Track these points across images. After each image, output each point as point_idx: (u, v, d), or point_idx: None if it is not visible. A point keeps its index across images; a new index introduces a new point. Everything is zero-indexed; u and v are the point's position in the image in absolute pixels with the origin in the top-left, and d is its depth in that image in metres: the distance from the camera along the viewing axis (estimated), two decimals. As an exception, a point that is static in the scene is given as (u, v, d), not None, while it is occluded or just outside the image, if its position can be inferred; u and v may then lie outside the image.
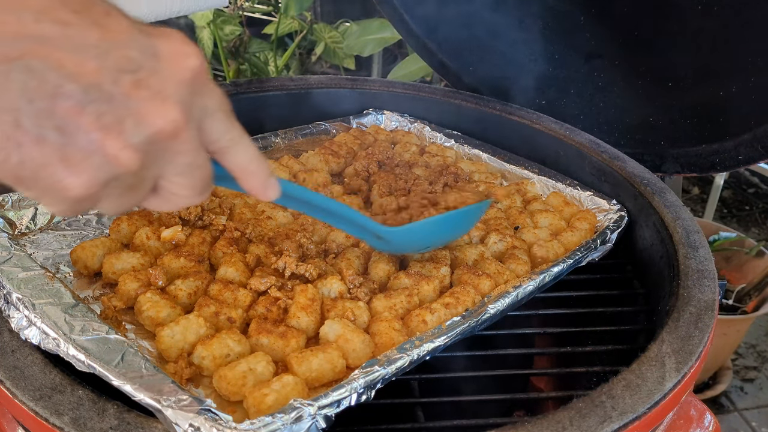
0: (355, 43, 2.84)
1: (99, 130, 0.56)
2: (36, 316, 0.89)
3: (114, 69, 0.56)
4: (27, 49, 0.52)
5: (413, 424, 0.91)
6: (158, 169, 0.62)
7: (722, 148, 1.48)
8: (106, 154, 0.56)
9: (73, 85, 0.54)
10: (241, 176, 0.72)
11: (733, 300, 2.57)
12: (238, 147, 0.69)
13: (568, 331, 1.15)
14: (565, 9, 1.67)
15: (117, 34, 0.57)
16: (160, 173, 0.63)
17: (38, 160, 0.55)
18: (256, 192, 0.74)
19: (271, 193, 0.75)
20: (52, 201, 0.58)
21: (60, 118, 0.54)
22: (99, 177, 0.57)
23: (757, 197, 3.86)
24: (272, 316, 0.98)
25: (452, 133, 1.62)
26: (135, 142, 0.57)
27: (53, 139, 0.54)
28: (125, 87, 0.56)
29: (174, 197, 0.67)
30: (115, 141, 0.56)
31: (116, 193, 0.61)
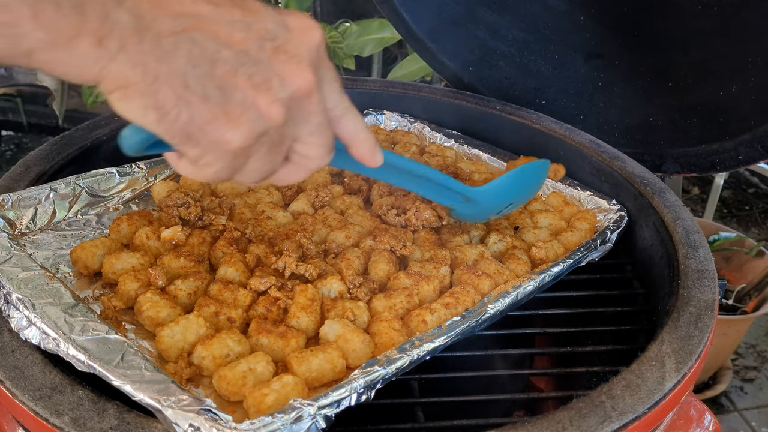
0: (355, 43, 2.84)
1: (252, 89, 0.65)
2: (36, 316, 0.89)
3: (257, 38, 0.66)
4: (188, 25, 0.63)
5: (413, 424, 0.91)
6: (295, 128, 0.71)
7: (722, 148, 1.48)
8: (258, 109, 0.66)
9: (227, 51, 0.64)
10: (352, 143, 0.80)
11: (733, 300, 2.57)
12: (350, 115, 0.78)
13: (568, 331, 1.15)
14: (565, 9, 1.67)
15: (255, 11, 0.67)
16: (296, 134, 0.71)
17: (205, 116, 0.63)
18: (365, 157, 0.82)
19: (378, 159, 0.83)
20: (214, 156, 0.67)
21: (219, 79, 0.64)
22: (254, 129, 0.66)
23: (757, 197, 3.86)
24: (272, 316, 0.98)
25: (452, 133, 1.62)
26: (281, 97, 0.67)
27: (216, 97, 0.63)
28: (268, 52, 0.66)
29: (305, 161, 0.75)
30: (265, 97, 0.66)
31: (264, 150, 0.69)
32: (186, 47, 0.62)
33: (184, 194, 1.19)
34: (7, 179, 1.22)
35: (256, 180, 0.74)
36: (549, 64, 1.76)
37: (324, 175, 1.39)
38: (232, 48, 0.64)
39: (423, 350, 0.91)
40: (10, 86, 3.86)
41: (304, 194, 1.31)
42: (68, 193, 1.19)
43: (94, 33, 0.59)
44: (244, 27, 0.66)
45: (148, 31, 0.61)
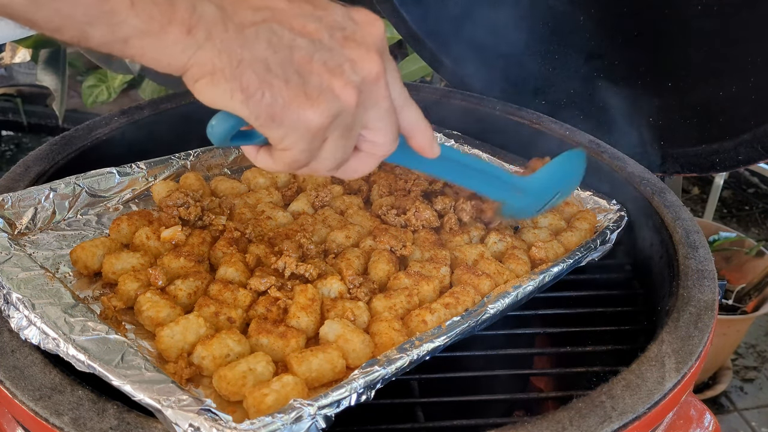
0: (355, 43, 2.84)
1: (327, 73, 0.70)
2: (36, 316, 0.89)
3: (328, 28, 0.72)
4: (267, 17, 0.69)
5: (413, 424, 0.91)
6: (366, 113, 0.75)
7: (722, 148, 1.47)
8: (334, 91, 0.71)
9: (303, 40, 0.70)
10: (412, 133, 0.84)
11: (732, 300, 2.57)
12: (411, 106, 0.82)
13: (567, 331, 1.15)
14: (565, 9, 1.67)
15: (324, 6, 0.74)
16: (366, 119, 0.76)
17: (287, 96, 0.69)
18: (425, 148, 0.86)
19: (436, 150, 0.87)
20: (295, 137, 0.71)
21: (297, 65, 0.69)
22: (331, 109, 0.71)
23: (757, 197, 3.86)
24: (272, 316, 0.98)
25: (452, 133, 1.61)
26: (353, 80, 0.72)
27: (295, 80, 0.69)
28: (339, 40, 0.72)
29: (374, 148, 0.79)
30: (339, 80, 0.71)
31: (338, 133, 0.73)
32: (266, 36, 0.68)
33: (184, 194, 1.19)
34: (6, 179, 1.22)
35: (330, 167, 0.77)
36: (549, 64, 1.76)
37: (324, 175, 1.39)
38: (306, 37, 0.70)
39: (423, 350, 0.91)
40: (10, 86, 3.85)
41: (304, 194, 1.31)
42: (68, 193, 1.19)
43: (183, 23, 0.65)
44: (315, 19, 0.72)
45: (231, 22, 0.67)
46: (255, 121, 0.70)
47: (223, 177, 1.35)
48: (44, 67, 2.46)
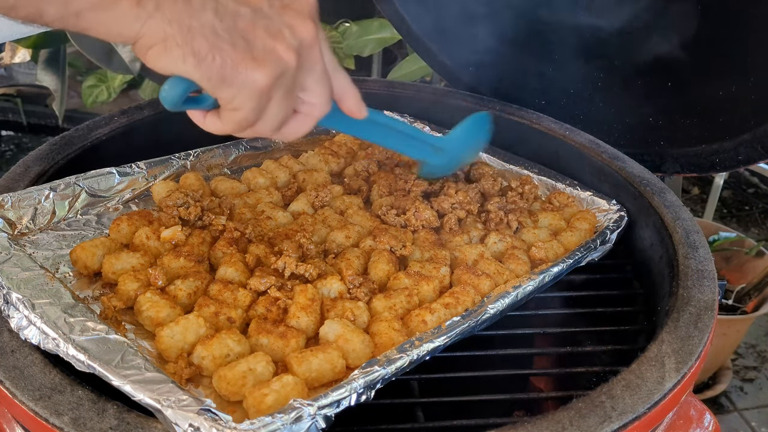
0: (355, 44, 2.84)
1: (269, 37, 0.77)
2: (36, 316, 0.89)
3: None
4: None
5: (413, 424, 0.91)
6: (304, 76, 0.82)
7: (722, 148, 1.47)
8: (277, 52, 0.77)
9: (245, 8, 0.77)
10: (343, 96, 0.92)
11: (732, 300, 2.57)
12: (340, 71, 0.89)
13: (567, 331, 1.15)
14: (564, 9, 1.67)
15: None
16: (304, 81, 0.82)
17: (235, 59, 0.74)
18: (354, 109, 0.94)
19: (364, 112, 0.96)
20: (245, 97, 0.77)
21: (242, 31, 0.75)
22: (275, 70, 0.77)
23: (757, 197, 3.86)
24: (272, 316, 0.98)
25: (452, 133, 1.61)
26: (293, 44, 0.78)
27: (242, 44, 0.75)
28: (277, 9, 0.79)
29: (311, 108, 0.86)
30: (281, 44, 0.77)
31: (281, 93, 0.80)
32: (211, 5, 0.74)
33: (184, 194, 1.19)
34: (6, 179, 1.22)
35: (273, 127, 0.83)
36: (549, 64, 1.75)
37: (324, 176, 1.39)
38: (248, 5, 0.77)
39: (423, 350, 0.91)
40: (10, 86, 3.85)
41: (304, 194, 1.31)
42: (68, 193, 1.19)
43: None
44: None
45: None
46: (207, 83, 0.75)
47: (223, 177, 1.35)
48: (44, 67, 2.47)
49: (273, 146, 1.52)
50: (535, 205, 1.36)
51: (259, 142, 1.50)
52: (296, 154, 1.49)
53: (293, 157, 1.46)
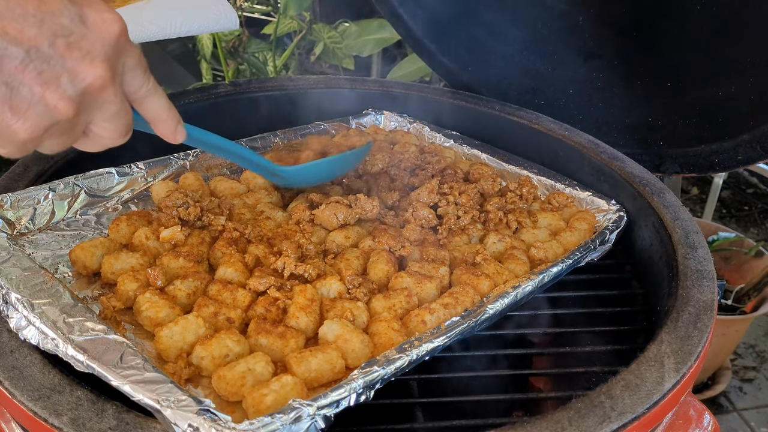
0: (354, 44, 2.84)
1: (40, 85, 0.67)
2: (35, 317, 0.89)
3: (50, 34, 0.68)
4: None
5: (412, 424, 0.91)
6: (89, 116, 0.74)
7: (721, 149, 1.48)
8: (46, 104, 0.68)
9: (17, 48, 0.66)
10: (155, 123, 0.86)
11: (732, 300, 2.57)
12: (152, 98, 0.82)
13: (567, 331, 1.15)
14: (564, 9, 1.67)
15: (50, 4, 0.68)
16: (90, 119, 0.75)
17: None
18: (167, 136, 0.88)
19: (179, 137, 0.89)
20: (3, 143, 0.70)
21: (7, 75, 0.66)
22: (41, 123, 0.69)
23: (756, 197, 3.87)
24: (271, 317, 0.98)
25: (451, 133, 1.62)
26: (70, 94, 0.69)
27: (2, 92, 0.66)
28: (60, 49, 0.68)
29: (101, 139, 0.79)
30: (53, 93, 0.68)
31: (55, 136, 0.72)
32: None
33: (183, 194, 1.19)
34: (6, 179, 1.22)
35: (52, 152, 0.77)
36: (548, 64, 1.76)
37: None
38: (22, 44, 0.66)
39: (422, 350, 0.91)
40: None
41: (303, 195, 1.31)
42: (67, 193, 1.19)
43: None
44: (36, 22, 0.67)
45: None
46: None
47: (222, 177, 1.35)
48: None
49: (272, 146, 1.52)
50: (534, 205, 1.36)
51: (258, 142, 1.50)
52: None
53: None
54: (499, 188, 1.38)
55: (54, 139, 0.73)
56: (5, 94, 0.67)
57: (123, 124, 0.78)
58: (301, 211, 1.23)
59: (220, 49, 2.84)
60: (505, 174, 1.48)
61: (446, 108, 1.70)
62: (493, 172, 1.42)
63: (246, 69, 3.01)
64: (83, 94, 0.71)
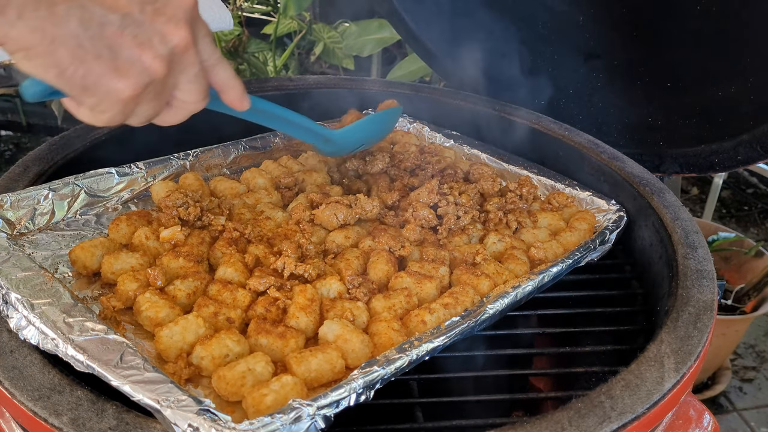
0: (354, 44, 2.84)
1: (136, 47, 0.75)
2: (35, 317, 0.89)
3: (138, 2, 0.76)
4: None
5: (412, 424, 0.91)
6: (176, 78, 0.81)
7: (721, 149, 1.48)
8: (143, 63, 0.76)
9: (113, 15, 0.74)
10: (224, 89, 0.91)
11: (731, 300, 2.57)
12: (222, 65, 0.88)
13: (567, 331, 1.15)
14: (564, 9, 1.67)
15: None
16: (176, 82, 0.82)
17: (98, 71, 0.74)
18: (234, 102, 0.93)
19: (245, 104, 0.95)
20: (108, 105, 0.77)
21: (108, 40, 0.74)
22: (141, 81, 0.76)
23: (756, 197, 3.87)
24: (271, 317, 0.98)
25: (451, 133, 1.62)
26: (162, 53, 0.77)
27: (106, 55, 0.74)
28: (149, 15, 0.76)
29: (184, 105, 0.85)
30: (148, 53, 0.76)
31: (150, 97, 0.79)
32: (77, 13, 0.71)
33: (183, 194, 1.18)
34: (6, 179, 1.22)
35: (142, 122, 0.84)
36: (548, 64, 1.76)
37: (323, 175, 1.39)
38: (117, 12, 0.74)
39: (422, 350, 0.91)
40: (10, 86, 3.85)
41: (303, 195, 1.31)
42: (67, 193, 1.19)
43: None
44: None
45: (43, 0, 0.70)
46: (69, 92, 0.76)
47: (222, 177, 1.35)
48: (43, 67, 2.46)
49: (272, 146, 1.52)
50: (534, 205, 1.36)
51: (258, 142, 1.50)
52: (295, 154, 1.49)
53: (292, 157, 1.46)
54: (499, 188, 1.38)
55: (147, 103, 0.80)
56: (109, 56, 0.74)
57: (203, 85, 0.85)
58: (301, 211, 1.23)
59: (220, 49, 2.84)
60: (505, 174, 1.48)
61: (446, 108, 1.70)
62: (493, 172, 1.42)
63: (246, 69, 3.01)
64: (172, 53, 0.78)
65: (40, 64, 0.72)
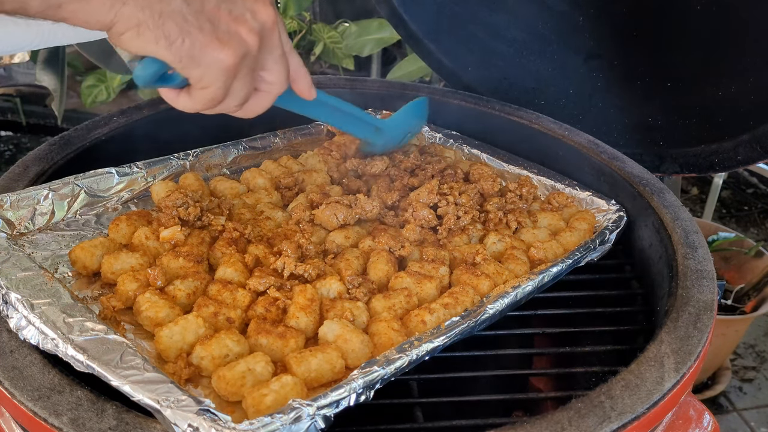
0: (354, 44, 2.84)
1: (233, 20, 0.84)
2: (35, 317, 0.89)
3: None
4: None
5: (412, 424, 0.91)
6: (264, 56, 0.88)
7: (721, 149, 1.48)
8: (240, 35, 0.84)
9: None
10: (296, 76, 0.98)
11: (731, 300, 2.57)
12: (294, 54, 0.96)
13: (567, 331, 1.15)
14: (564, 9, 1.67)
15: None
16: (264, 61, 0.89)
17: (202, 41, 0.81)
18: (304, 91, 1.01)
19: (313, 93, 1.03)
20: (212, 75, 0.83)
21: (208, 14, 0.82)
22: (239, 50, 0.83)
23: (756, 197, 3.87)
24: (271, 317, 0.98)
25: (451, 133, 1.62)
26: (255, 27, 0.85)
27: (208, 27, 0.81)
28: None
29: (270, 86, 0.92)
30: (244, 26, 0.84)
31: (244, 71, 0.86)
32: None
33: (183, 194, 1.18)
34: (5, 179, 1.22)
35: (238, 103, 0.90)
36: (548, 64, 1.76)
37: (323, 176, 1.39)
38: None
39: (422, 350, 0.91)
40: (10, 86, 3.85)
41: (303, 195, 1.31)
42: (67, 193, 1.19)
43: None
44: None
45: None
46: (178, 63, 0.82)
47: (222, 177, 1.35)
48: (43, 67, 2.46)
49: (272, 146, 1.52)
50: (534, 205, 1.36)
51: (258, 142, 1.50)
52: (295, 154, 1.49)
53: (292, 157, 1.46)
54: (499, 188, 1.38)
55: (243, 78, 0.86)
56: (210, 28, 0.81)
57: (286, 66, 0.92)
58: (301, 211, 1.23)
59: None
60: (505, 174, 1.48)
61: (447, 108, 1.70)
62: (493, 172, 1.42)
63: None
64: (262, 29, 0.86)
65: (152, 38, 0.78)
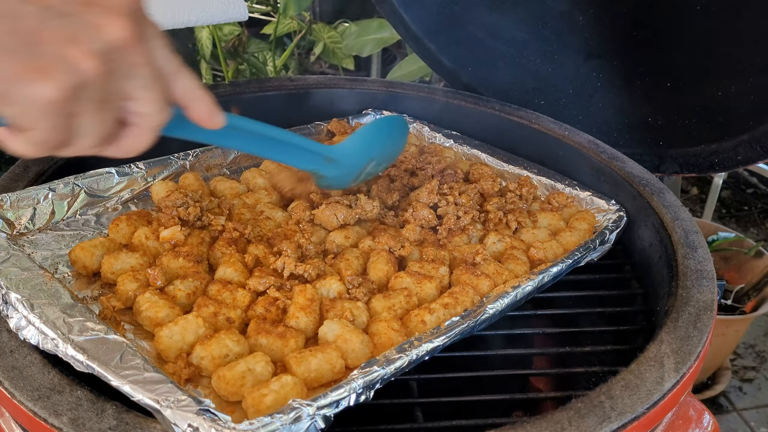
0: (354, 43, 2.84)
1: (62, 42, 0.63)
2: (34, 317, 0.89)
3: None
4: None
5: (412, 424, 0.91)
6: (122, 83, 0.68)
7: (721, 149, 1.48)
8: (69, 60, 0.63)
9: (31, 7, 0.62)
10: (189, 102, 0.76)
11: (731, 300, 2.58)
12: (183, 74, 0.74)
13: (567, 331, 1.15)
14: (564, 9, 1.67)
15: None
16: (124, 89, 0.68)
17: (13, 70, 0.62)
18: (203, 118, 0.77)
19: (218, 120, 0.78)
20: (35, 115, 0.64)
21: (24, 35, 0.62)
22: (67, 81, 0.63)
23: (756, 197, 3.87)
24: (271, 317, 0.98)
25: (451, 133, 1.62)
26: (95, 48, 0.64)
27: (24, 52, 0.62)
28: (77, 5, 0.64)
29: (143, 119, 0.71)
30: (76, 48, 0.63)
31: (90, 107, 0.66)
32: None
33: (183, 195, 1.18)
34: (5, 179, 1.22)
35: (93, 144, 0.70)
36: (548, 64, 1.76)
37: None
38: (36, 3, 0.63)
39: (422, 350, 0.91)
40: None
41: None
42: (67, 193, 1.19)
43: None
44: None
45: None
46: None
47: (222, 177, 1.35)
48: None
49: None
50: (534, 205, 1.36)
51: (258, 142, 1.50)
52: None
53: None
54: (499, 188, 1.38)
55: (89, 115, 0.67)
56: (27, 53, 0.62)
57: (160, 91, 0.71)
58: (301, 211, 1.23)
59: (219, 49, 2.84)
60: (505, 174, 1.48)
61: (446, 108, 1.70)
62: (493, 172, 1.42)
63: (246, 69, 3.01)
64: (109, 50, 0.65)
65: None
